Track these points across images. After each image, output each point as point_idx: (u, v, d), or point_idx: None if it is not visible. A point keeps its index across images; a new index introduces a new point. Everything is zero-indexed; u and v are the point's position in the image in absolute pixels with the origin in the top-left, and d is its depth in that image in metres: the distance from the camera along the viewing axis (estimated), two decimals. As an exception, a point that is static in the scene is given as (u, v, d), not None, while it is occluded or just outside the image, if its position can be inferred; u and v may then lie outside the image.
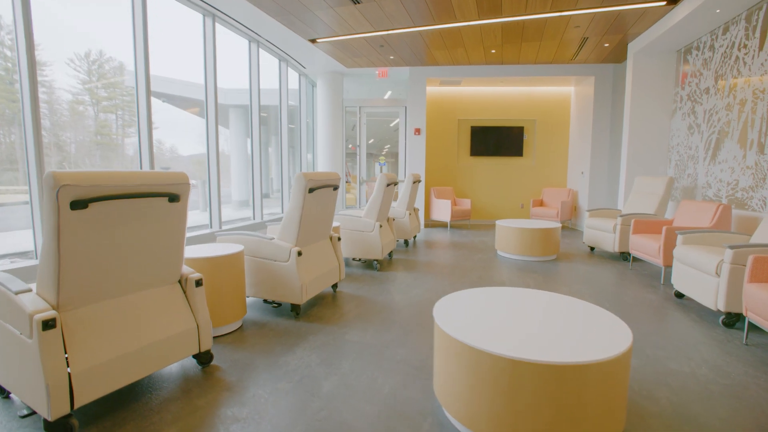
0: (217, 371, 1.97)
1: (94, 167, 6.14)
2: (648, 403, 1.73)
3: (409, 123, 7.00)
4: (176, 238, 1.84)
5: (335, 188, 2.97)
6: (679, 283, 3.04)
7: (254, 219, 5.81)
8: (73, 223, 1.41)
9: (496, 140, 7.47)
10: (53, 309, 1.45)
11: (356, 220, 4.02)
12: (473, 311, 1.73)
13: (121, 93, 6.04)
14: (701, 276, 2.75)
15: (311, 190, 2.63)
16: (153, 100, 7.63)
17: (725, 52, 4.04)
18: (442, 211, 6.83)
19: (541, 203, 7.24)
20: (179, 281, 1.94)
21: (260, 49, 5.64)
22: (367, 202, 8.15)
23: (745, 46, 3.76)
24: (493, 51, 5.66)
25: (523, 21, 4.52)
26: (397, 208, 5.28)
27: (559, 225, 4.59)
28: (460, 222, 7.61)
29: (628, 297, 3.21)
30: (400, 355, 2.17)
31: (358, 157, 7.50)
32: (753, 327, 2.56)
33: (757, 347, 2.28)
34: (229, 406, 1.68)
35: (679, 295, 3.15)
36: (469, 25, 4.67)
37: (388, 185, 4.05)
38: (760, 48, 3.57)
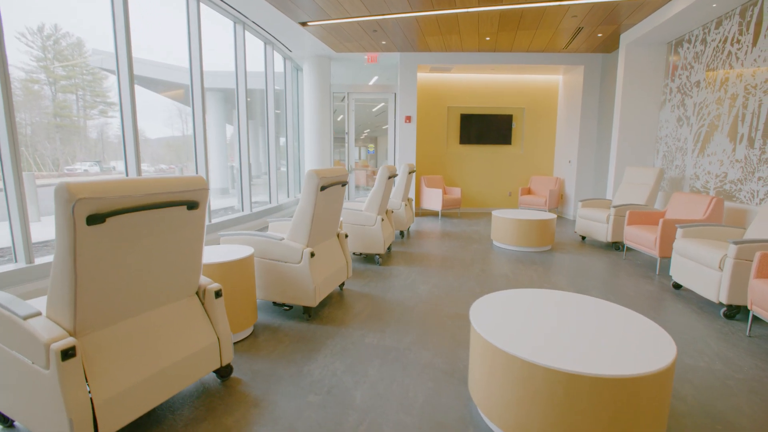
0: (240, 385, 1.88)
1: (56, 151, 5.71)
2: (676, 402, 1.77)
3: (399, 110, 6.86)
4: (195, 248, 1.71)
5: (343, 184, 2.86)
6: (678, 275, 3.14)
7: (243, 210, 5.60)
8: (90, 239, 1.27)
9: (486, 128, 7.46)
10: (70, 335, 1.31)
11: (357, 214, 3.92)
12: (511, 317, 1.70)
13: (81, 72, 5.59)
14: (703, 269, 2.84)
15: (323, 188, 2.52)
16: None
17: (717, 46, 4.12)
18: (433, 200, 6.80)
19: (529, 191, 7.33)
20: (196, 293, 1.81)
21: (246, 32, 5.32)
22: (356, 190, 7.99)
23: (738, 41, 3.85)
24: (488, 38, 5.58)
25: (522, 9, 4.44)
26: (393, 200, 5.20)
27: (555, 216, 4.65)
28: (450, 211, 7.62)
29: (629, 288, 3.30)
30: (424, 358, 2.14)
31: (346, 143, 7.32)
32: (755, 319, 2.68)
33: (760, 339, 2.39)
34: (261, 424, 1.60)
35: (677, 286, 3.26)
36: (467, 12, 4.55)
37: (389, 178, 3.96)
38: (754, 44, 3.66)
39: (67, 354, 1.25)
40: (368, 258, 4.16)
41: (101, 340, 1.40)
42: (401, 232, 5.46)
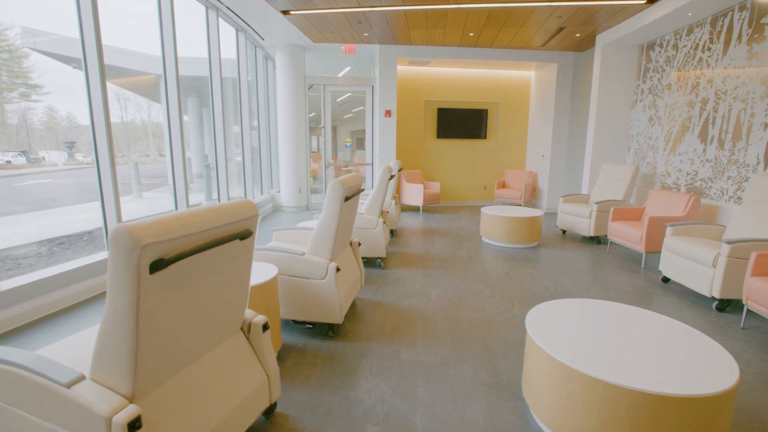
0: (288, 421, 1.74)
1: None
2: (712, 402, 1.89)
3: (377, 103, 6.72)
4: (244, 280, 1.53)
5: (360, 192, 2.73)
6: (668, 270, 3.37)
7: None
8: (152, 290, 1.08)
9: (462, 122, 7.52)
10: (128, 400, 1.12)
11: (357, 218, 3.80)
12: (570, 332, 1.71)
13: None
14: (696, 266, 3.07)
15: (346, 199, 2.38)
16: (61, 65, 6.37)
17: (689, 52, 4.42)
18: (414, 195, 6.79)
19: (503, 185, 7.54)
20: (241, 327, 1.63)
21: (219, 18, 4.89)
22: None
23: (709, 49, 4.14)
24: (471, 34, 5.57)
25: (512, 7, 4.46)
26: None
27: (542, 213, 4.81)
28: (430, 205, 7.66)
29: (623, 283, 3.50)
30: (466, 373, 2.12)
31: (323, 138, 7.07)
32: (748, 312, 2.95)
33: (753, 330, 2.63)
34: (329, 467, 1.49)
35: (666, 280, 3.51)
36: (458, 8, 4.49)
37: (390, 178, 3.86)
38: (724, 53, 3.95)
39: (134, 426, 1.06)
40: (369, 262, 4.06)
41: (160, 400, 1.22)
42: (391, 231, 5.39)
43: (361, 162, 8.16)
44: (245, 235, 1.43)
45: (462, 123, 7.54)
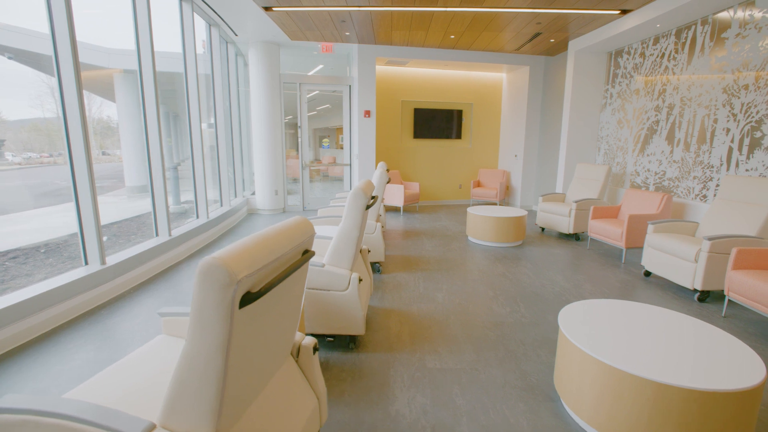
0: (336, 442, 1.68)
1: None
2: (720, 389, 2.06)
3: (356, 103, 6.64)
4: (299, 302, 1.45)
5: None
6: (650, 265, 3.63)
7: (198, 216, 4.94)
8: (240, 325, 0.99)
9: (438, 123, 7.62)
10: (212, 445, 1.02)
11: (355, 222, 3.73)
12: (605, 334, 1.78)
13: None
14: (677, 261, 3.32)
15: (367, 207, 2.33)
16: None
17: (655, 60, 4.76)
18: (395, 196, 6.80)
19: (479, 184, 7.74)
20: (290, 351, 1.55)
21: (194, 12, 4.59)
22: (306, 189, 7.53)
23: (674, 58, 4.48)
24: (452, 37, 5.65)
25: (497, 12, 4.57)
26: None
27: (526, 213, 4.99)
28: (409, 205, 7.70)
29: (608, 277, 3.73)
30: (496, 377, 2.16)
31: (299, 138, 6.87)
32: (729, 302, 3.24)
33: (733, 318, 2.90)
34: (393, 488, 1.46)
35: (647, 274, 3.78)
36: (445, 11, 4.53)
37: (387, 182, 3.84)
38: (689, 62, 4.30)
39: (225, 474, 0.98)
40: (365, 266, 4.01)
41: (236, 438, 1.13)
42: (377, 233, 5.36)
43: (332, 162, 8.04)
44: (309, 256, 1.36)
45: (438, 123, 7.64)
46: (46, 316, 2.58)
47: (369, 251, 2.95)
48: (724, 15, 3.90)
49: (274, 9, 4.49)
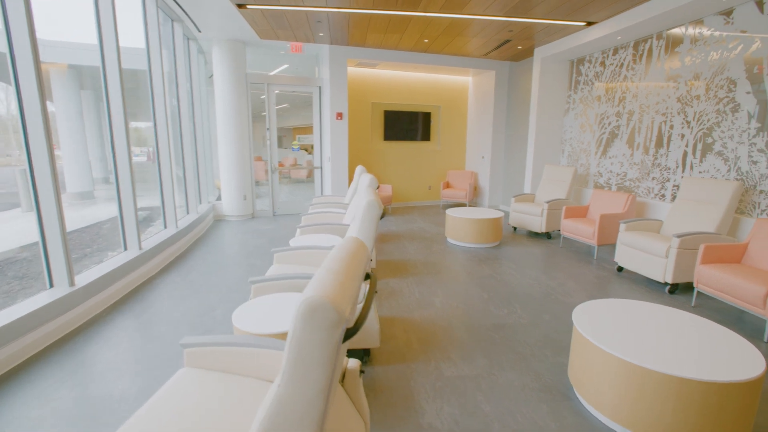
0: (377, 464, 1.64)
1: None
2: (710, 376, 2.27)
3: (327, 105, 6.51)
4: (349, 324, 1.39)
5: (377, 207, 2.65)
6: (622, 261, 3.91)
7: (166, 226, 4.59)
8: (339, 363, 0.93)
9: (407, 125, 7.68)
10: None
11: (344, 229, 3.66)
12: (620, 332, 1.88)
13: None
14: (649, 257, 3.61)
15: (381, 217, 2.29)
16: None
17: (615, 69, 5.13)
18: (369, 198, 6.74)
19: (448, 185, 7.91)
20: (334, 373, 1.48)
21: (158, 5, 4.25)
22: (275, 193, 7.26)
23: (633, 68, 4.86)
24: (426, 41, 5.71)
25: (473, 19, 4.69)
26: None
27: (503, 214, 5.17)
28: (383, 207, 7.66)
29: (585, 274, 3.97)
30: (513, 380, 2.21)
31: (268, 139, 6.61)
32: (698, 293, 3.55)
33: (702, 308, 3.20)
34: (447, 506, 1.44)
35: (620, 269, 4.06)
36: (424, 16, 4.57)
37: (377, 188, 3.80)
38: (646, 73, 4.68)
39: None
40: (355, 273, 3.94)
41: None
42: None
43: (294, 164, 7.83)
44: (374, 281, 1.31)
45: (407, 125, 7.70)
46: (9, 351, 2.27)
47: (371, 260, 2.90)
48: (677, 31, 4.29)
49: (248, 6, 4.27)
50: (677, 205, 3.90)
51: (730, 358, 1.72)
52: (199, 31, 5.48)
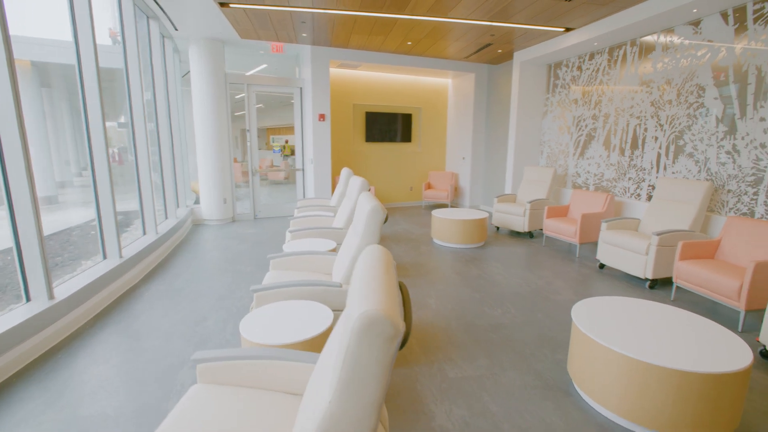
0: (395, 470, 1.63)
1: None
2: (696, 367, 2.40)
3: (309, 106, 6.43)
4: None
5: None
6: (604, 258, 4.08)
7: (145, 232, 4.40)
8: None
9: (389, 126, 7.70)
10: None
11: (338, 232, 3.63)
12: (619, 329, 1.96)
13: None
14: (630, 254, 3.78)
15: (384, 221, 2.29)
16: None
17: (591, 74, 5.34)
18: (353, 200, 6.72)
19: (429, 186, 7.99)
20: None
21: (134, 2, 4.06)
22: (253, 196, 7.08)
23: (608, 73, 5.07)
24: (410, 43, 5.74)
25: (457, 23, 4.75)
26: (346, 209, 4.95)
27: (487, 215, 5.28)
28: (361, 208, 7.64)
29: (570, 272, 4.11)
30: (515, 380, 2.26)
31: (248, 141, 6.46)
32: (677, 288, 3.74)
33: (681, 301, 3.38)
34: None
35: (602, 266, 4.23)
36: (410, 19, 4.59)
37: (369, 190, 3.78)
38: (620, 77, 4.90)
39: None
40: (347, 276, 3.91)
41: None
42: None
43: (270, 166, 7.69)
44: (405, 289, 1.30)
45: (389, 127, 7.72)
46: (-9, 369, 2.11)
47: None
48: (649, 39, 4.51)
49: (231, 5, 4.16)
50: (653, 204, 4.10)
51: (721, 350, 1.83)
52: (176, 29, 5.29)
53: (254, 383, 1.47)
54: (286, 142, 7.20)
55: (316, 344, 1.73)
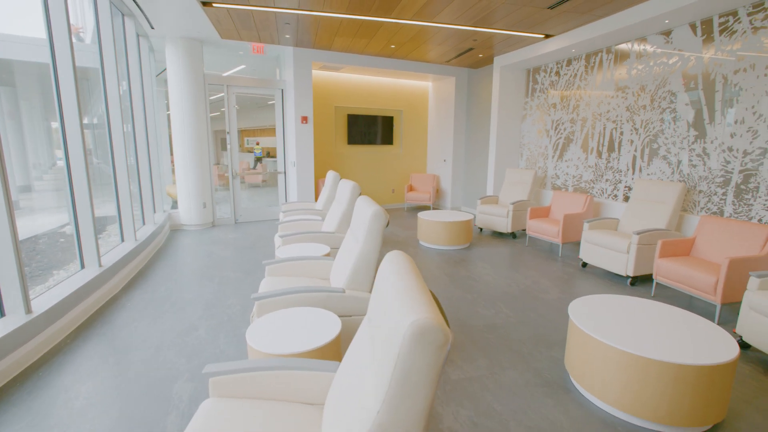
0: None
1: None
2: (682, 359, 2.53)
3: (291, 108, 6.34)
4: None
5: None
6: (587, 257, 4.23)
7: (124, 239, 4.20)
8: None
9: (371, 129, 7.71)
10: None
11: (332, 237, 3.60)
12: (614, 326, 2.04)
13: None
14: (611, 252, 3.94)
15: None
16: None
17: (569, 79, 5.53)
18: (337, 203, 6.67)
19: (412, 188, 8.04)
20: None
21: (110, -2, 3.89)
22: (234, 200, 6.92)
23: (586, 79, 5.28)
24: (393, 46, 5.77)
25: (442, 27, 4.82)
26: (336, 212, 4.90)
27: (473, 216, 5.37)
28: (344, 211, 7.60)
29: (555, 271, 4.24)
30: (515, 378, 2.31)
31: (228, 144, 6.30)
32: (657, 285, 3.92)
33: (661, 297, 3.55)
34: None
35: (584, 265, 4.39)
36: (396, 22, 4.62)
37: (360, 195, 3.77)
38: (597, 83, 5.11)
39: None
40: (339, 281, 3.88)
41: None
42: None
43: (251, 170, 7.55)
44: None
45: (371, 129, 7.72)
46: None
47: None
48: (624, 46, 4.73)
49: (214, 5, 4.04)
50: (631, 204, 4.30)
51: (710, 343, 1.93)
52: (152, 28, 5.09)
53: (270, 395, 1.43)
54: (257, 144, 7.05)
55: (327, 352, 1.71)
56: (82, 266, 3.33)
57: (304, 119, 6.35)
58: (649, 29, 4.25)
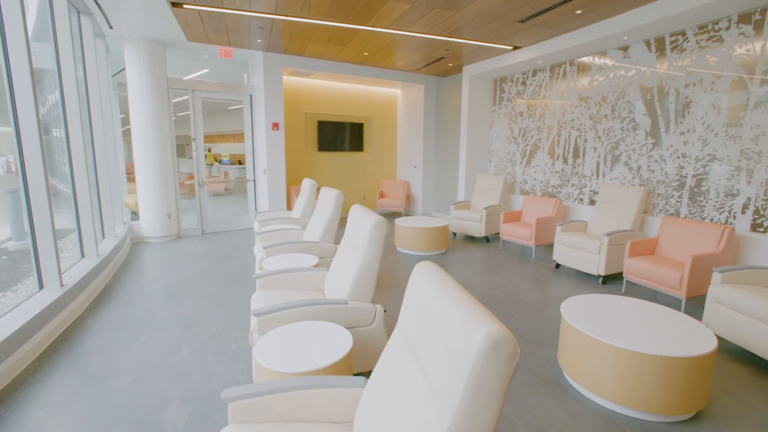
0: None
1: None
2: (659, 352, 2.71)
3: (261, 115, 6.17)
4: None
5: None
6: (560, 258, 4.44)
7: (84, 255, 3.87)
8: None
9: (341, 136, 7.66)
10: None
11: (317, 246, 3.52)
12: (607, 324, 2.16)
13: None
14: (583, 253, 4.16)
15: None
16: None
17: (535, 89, 5.82)
18: (310, 211, 6.54)
19: (383, 195, 8.07)
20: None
21: (68, -6, 3.60)
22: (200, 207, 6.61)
23: (550, 89, 5.57)
24: (366, 54, 5.78)
25: (416, 37, 4.91)
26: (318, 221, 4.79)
27: (449, 222, 5.47)
28: (316, 219, 7.47)
29: (530, 273, 4.41)
30: (516, 379, 2.37)
31: (194, 151, 6.01)
32: (627, 283, 4.17)
33: (631, 294, 3.79)
34: None
35: (557, 266, 4.60)
36: (372, 30, 4.64)
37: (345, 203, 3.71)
38: (561, 93, 5.41)
39: None
40: (324, 291, 3.79)
41: None
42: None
43: (212, 177, 7.28)
44: None
45: (341, 136, 7.68)
46: None
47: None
48: (586, 59, 5.05)
49: (185, 6, 3.86)
50: (598, 207, 4.57)
51: (692, 336, 2.09)
52: (111, 28, 4.77)
53: (293, 416, 1.37)
54: (209, 150, 6.76)
55: (341, 367, 1.66)
56: (41, 286, 3.02)
57: (275, 126, 6.19)
58: (609, 44, 4.57)
